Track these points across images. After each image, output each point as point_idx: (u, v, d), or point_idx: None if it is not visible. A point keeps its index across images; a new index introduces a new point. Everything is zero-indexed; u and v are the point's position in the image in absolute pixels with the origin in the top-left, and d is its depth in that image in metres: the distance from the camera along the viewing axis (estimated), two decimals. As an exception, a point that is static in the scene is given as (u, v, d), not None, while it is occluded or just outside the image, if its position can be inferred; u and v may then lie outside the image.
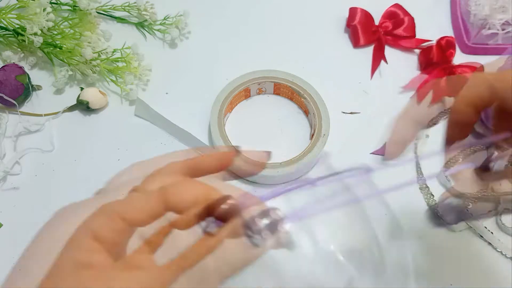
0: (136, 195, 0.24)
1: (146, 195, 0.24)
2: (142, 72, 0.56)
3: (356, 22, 0.60)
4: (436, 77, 0.57)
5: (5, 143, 0.52)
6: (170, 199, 0.24)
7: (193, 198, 0.24)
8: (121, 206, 0.23)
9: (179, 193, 0.24)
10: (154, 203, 0.24)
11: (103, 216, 0.23)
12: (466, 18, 0.61)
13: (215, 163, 0.29)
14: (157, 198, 0.24)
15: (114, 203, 0.23)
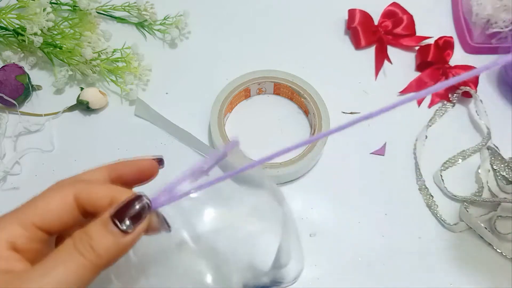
0: (48, 200, 0.24)
1: (59, 201, 0.24)
2: (142, 72, 0.56)
3: (356, 23, 0.60)
4: (430, 76, 0.58)
5: (5, 143, 0.52)
6: (86, 205, 0.24)
7: (107, 200, 0.24)
8: (36, 214, 0.24)
9: (93, 198, 0.24)
10: (69, 208, 0.24)
11: (17, 226, 0.23)
12: (468, 18, 0.61)
13: (136, 172, 0.29)
14: (72, 203, 0.24)
15: (28, 210, 0.24)
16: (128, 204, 0.24)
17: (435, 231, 0.49)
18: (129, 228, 0.23)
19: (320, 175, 0.52)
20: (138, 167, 0.30)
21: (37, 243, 0.24)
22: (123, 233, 0.23)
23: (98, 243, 0.22)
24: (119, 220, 0.23)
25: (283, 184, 0.51)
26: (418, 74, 0.58)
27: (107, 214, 0.23)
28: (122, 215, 0.23)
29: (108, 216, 0.23)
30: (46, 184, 0.51)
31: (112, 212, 0.23)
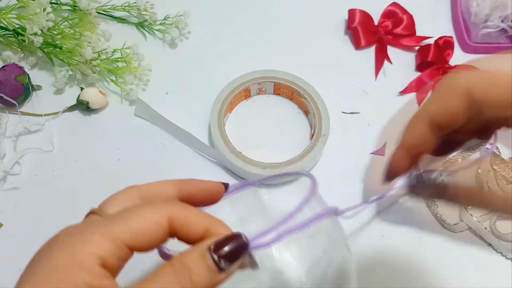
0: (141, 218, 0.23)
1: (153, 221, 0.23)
2: (142, 72, 0.56)
3: (356, 23, 0.60)
4: (430, 76, 0.58)
5: (5, 143, 0.52)
6: (178, 230, 0.24)
7: (201, 231, 0.24)
8: (128, 232, 0.23)
9: (188, 223, 0.24)
10: (161, 230, 0.23)
11: (110, 242, 0.22)
12: (467, 18, 0.61)
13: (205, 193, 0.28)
14: (165, 224, 0.23)
15: (120, 226, 0.23)
16: (227, 241, 0.23)
17: (435, 231, 0.49)
18: (226, 266, 0.22)
19: (320, 175, 0.52)
20: (208, 189, 0.28)
21: (122, 261, 0.23)
22: (219, 270, 0.22)
23: (198, 277, 0.22)
24: (218, 256, 0.22)
25: (283, 184, 0.51)
26: (418, 74, 0.58)
27: (205, 245, 0.23)
28: (219, 250, 0.23)
29: (206, 248, 0.23)
30: (46, 184, 0.51)
31: (212, 245, 0.23)
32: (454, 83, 0.24)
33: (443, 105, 0.24)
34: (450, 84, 0.24)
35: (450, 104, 0.23)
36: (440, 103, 0.24)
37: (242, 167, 0.49)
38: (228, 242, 0.23)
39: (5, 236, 0.48)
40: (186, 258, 0.22)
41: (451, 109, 0.23)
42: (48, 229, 0.50)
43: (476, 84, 0.23)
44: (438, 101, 0.24)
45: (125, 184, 0.50)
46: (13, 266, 0.46)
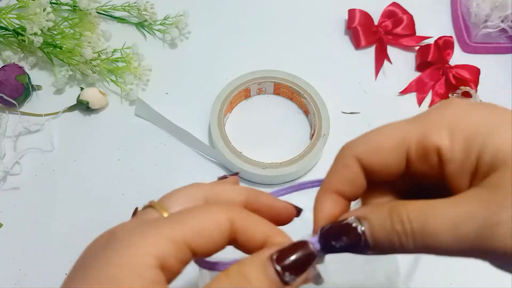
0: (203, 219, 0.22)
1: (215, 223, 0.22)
2: (142, 72, 0.56)
3: (356, 23, 0.60)
4: (430, 76, 0.58)
5: (5, 143, 0.52)
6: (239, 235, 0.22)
7: (262, 239, 0.22)
8: (189, 233, 0.21)
9: (249, 230, 0.22)
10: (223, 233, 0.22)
11: (170, 243, 0.20)
12: (467, 18, 0.61)
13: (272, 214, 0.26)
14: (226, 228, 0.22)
15: (180, 226, 0.21)
16: (293, 250, 0.21)
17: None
18: (291, 279, 0.20)
19: (320, 175, 0.52)
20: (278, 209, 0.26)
21: (182, 264, 0.21)
22: (283, 283, 0.20)
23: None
24: (282, 267, 0.20)
25: (283, 184, 0.51)
26: (418, 74, 0.58)
27: (266, 253, 0.21)
28: (283, 261, 0.20)
29: (268, 257, 0.21)
30: (46, 184, 0.52)
31: (274, 254, 0.21)
32: (345, 153, 0.24)
33: (340, 177, 0.24)
34: (341, 154, 0.24)
35: (345, 175, 0.24)
36: (337, 175, 0.24)
37: (242, 167, 0.49)
38: (293, 251, 0.21)
39: (5, 236, 0.48)
40: (245, 268, 0.20)
41: (348, 180, 0.24)
42: (48, 229, 0.50)
43: (362, 153, 0.23)
44: (335, 173, 0.24)
45: (125, 184, 0.51)
46: (13, 266, 0.46)
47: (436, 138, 0.22)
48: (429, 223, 0.20)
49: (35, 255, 0.47)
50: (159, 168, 0.52)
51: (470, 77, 0.56)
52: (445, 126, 0.22)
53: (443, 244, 0.20)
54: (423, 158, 0.22)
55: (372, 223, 0.22)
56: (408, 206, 0.21)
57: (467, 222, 0.19)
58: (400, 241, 0.21)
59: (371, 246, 0.22)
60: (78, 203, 0.50)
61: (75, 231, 0.48)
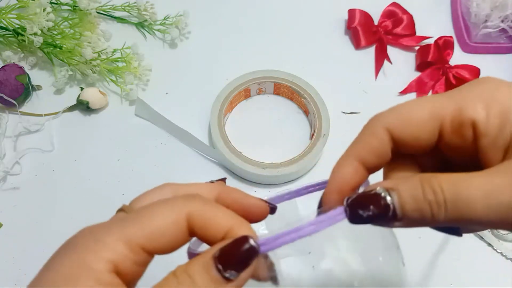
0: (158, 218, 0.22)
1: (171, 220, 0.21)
2: (142, 72, 0.56)
3: (356, 23, 0.60)
4: (430, 76, 0.58)
5: (5, 143, 0.52)
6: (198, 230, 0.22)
7: (223, 231, 0.22)
8: (144, 234, 0.21)
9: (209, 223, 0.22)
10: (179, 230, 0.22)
11: (125, 247, 0.21)
12: (467, 18, 0.61)
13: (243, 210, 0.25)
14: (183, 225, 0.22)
15: (134, 228, 0.21)
16: (233, 246, 0.21)
17: (435, 231, 0.49)
18: (232, 275, 0.21)
19: (320, 175, 0.52)
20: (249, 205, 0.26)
21: (138, 266, 0.21)
22: (225, 280, 0.20)
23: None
24: (222, 265, 0.20)
25: (283, 184, 0.51)
26: (418, 74, 0.58)
27: (209, 255, 0.21)
28: (227, 259, 0.21)
29: (210, 257, 0.21)
30: (46, 184, 0.52)
31: (216, 254, 0.21)
32: (374, 123, 0.25)
33: (365, 145, 0.24)
34: (370, 124, 0.25)
35: (372, 144, 0.24)
36: (363, 143, 0.24)
37: (242, 167, 0.49)
38: (234, 247, 0.21)
39: (5, 236, 0.48)
40: (190, 269, 0.21)
41: (373, 149, 0.24)
42: (48, 229, 0.50)
43: (393, 123, 0.24)
44: (361, 141, 0.25)
45: (125, 184, 0.51)
46: (13, 266, 0.46)
47: (472, 112, 0.22)
48: (463, 192, 0.20)
49: (35, 255, 0.47)
50: (159, 168, 0.52)
51: (470, 77, 0.56)
52: (481, 100, 0.22)
53: (477, 214, 0.20)
54: (457, 132, 0.22)
55: (402, 193, 0.21)
56: (440, 177, 0.21)
57: (500, 193, 0.20)
58: (432, 211, 0.21)
59: (399, 217, 0.22)
60: (78, 203, 0.50)
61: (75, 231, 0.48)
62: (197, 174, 0.52)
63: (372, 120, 0.25)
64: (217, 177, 0.51)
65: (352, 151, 0.25)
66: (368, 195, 0.22)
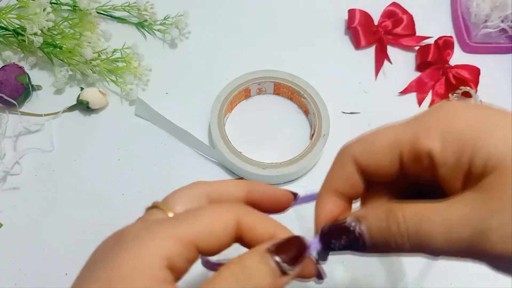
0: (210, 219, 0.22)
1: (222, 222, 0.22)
2: (142, 72, 0.56)
3: (356, 23, 0.60)
4: (430, 76, 0.58)
5: (5, 143, 0.52)
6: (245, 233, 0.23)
7: (267, 236, 0.23)
8: (197, 232, 0.22)
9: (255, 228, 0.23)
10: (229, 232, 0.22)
11: (178, 243, 0.21)
12: (467, 18, 0.61)
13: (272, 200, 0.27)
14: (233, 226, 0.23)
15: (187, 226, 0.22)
16: (287, 243, 0.22)
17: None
18: (288, 269, 0.21)
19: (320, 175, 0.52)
20: (276, 196, 0.27)
21: (189, 263, 0.22)
22: (281, 273, 0.21)
23: (259, 280, 0.21)
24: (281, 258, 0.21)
25: (283, 184, 0.51)
26: (418, 74, 0.58)
27: (264, 246, 0.22)
28: (280, 253, 0.21)
29: (265, 249, 0.22)
30: (46, 184, 0.51)
31: (272, 247, 0.22)
32: (342, 154, 0.25)
33: (338, 178, 0.25)
34: (339, 155, 0.25)
35: (343, 176, 0.25)
36: (335, 175, 0.25)
37: (242, 167, 0.49)
38: (288, 244, 0.22)
39: (5, 236, 0.48)
40: (247, 260, 0.21)
41: (346, 180, 0.25)
42: (48, 229, 0.50)
43: (358, 153, 0.24)
44: (333, 174, 0.25)
45: (125, 184, 0.51)
46: (13, 266, 0.46)
47: (427, 142, 0.22)
48: (424, 226, 0.20)
49: (35, 255, 0.47)
50: (159, 168, 0.52)
51: (470, 77, 0.56)
52: (437, 129, 0.22)
53: (438, 246, 0.20)
54: (415, 161, 0.23)
55: (369, 224, 0.22)
56: (404, 207, 0.21)
57: (460, 226, 0.20)
58: (396, 241, 0.21)
59: (368, 246, 0.22)
60: (78, 203, 0.50)
61: (75, 231, 0.48)
62: (197, 174, 0.52)
63: (341, 150, 0.26)
64: (217, 177, 0.51)
65: (327, 185, 0.26)
66: (339, 226, 0.23)
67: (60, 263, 0.46)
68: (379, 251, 0.22)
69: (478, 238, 0.20)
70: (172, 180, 0.51)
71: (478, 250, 0.20)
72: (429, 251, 0.21)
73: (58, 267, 0.46)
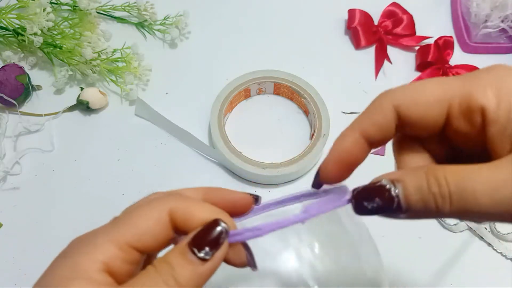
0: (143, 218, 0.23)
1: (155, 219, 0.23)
2: (142, 72, 0.56)
3: (356, 23, 0.60)
4: (430, 76, 0.58)
5: (5, 143, 0.52)
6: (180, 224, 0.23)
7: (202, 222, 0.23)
8: (131, 233, 0.22)
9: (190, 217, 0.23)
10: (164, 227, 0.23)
11: (114, 247, 0.22)
12: (467, 18, 0.61)
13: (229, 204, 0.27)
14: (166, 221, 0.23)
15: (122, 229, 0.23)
16: (206, 230, 0.23)
17: (435, 231, 0.49)
18: (207, 255, 0.22)
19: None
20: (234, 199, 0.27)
21: (130, 264, 0.23)
22: (201, 261, 0.22)
23: (180, 274, 0.22)
24: (197, 248, 0.22)
25: (283, 184, 0.51)
26: (418, 74, 0.58)
27: (184, 242, 0.22)
28: (200, 242, 0.22)
29: (185, 244, 0.22)
30: (46, 184, 0.51)
31: (190, 240, 0.22)
32: (382, 99, 0.24)
33: (370, 119, 0.24)
34: (378, 99, 0.25)
35: (377, 118, 0.24)
36: (368, 118, 0.24)
37: (242, 167, 0.49)
38: (206, 230, 0.22)
39: (5, 236, 0.48)
40: (168, 257, 0.22)
41: (378, 124, 0.24)
42: (48, 229, 0.50)
43: (401, 100, 0.24)
44: (367, 115, 0.25)
45: (125, 184, 0.51)
46: (13, 266, 0.46)
47: (482, 98, 0.21)
48: (468, 186, 0.20)
49: (35, 255, 0.47)
50: (159, 168, 0.52)
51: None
52: (493, 87, 0.21)
53: (481, 208, 0.20)
54: (465, 117, 0.22)
55: (407, 185, 0.21)
56: (446, 169, 0.21)
57: (506, 187, 0.19)
58: (437, 204, 0.21)
59: (404, 209, 0.21)
60: (78, 203, 0.50)
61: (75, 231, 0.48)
62: (197, 174, 0.52)
63: (381, 95, 0.25)
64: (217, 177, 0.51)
65: (357, 124, 0.24)
66: (374, 187, 0.22)
67: (60, 263, 0.46)
68: (415, 215, 0.22)
69: None
70: (172, 180, 0.51)
71: None
72: (472, 214, 0.20)
73: (58, 267, 0.46)
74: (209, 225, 0.23)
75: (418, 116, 0.23)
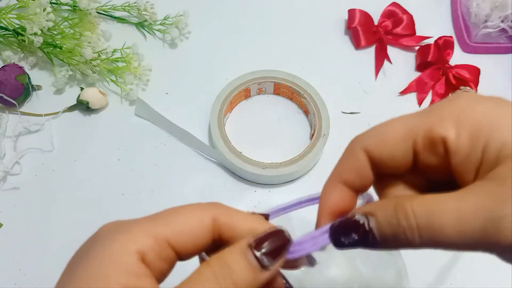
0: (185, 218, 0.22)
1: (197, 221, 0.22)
2: (142, 72, 0.56)
3: (356, 23, 0.60)
4: (430, 76, 0.58)
5: (5, 143, 0.52)
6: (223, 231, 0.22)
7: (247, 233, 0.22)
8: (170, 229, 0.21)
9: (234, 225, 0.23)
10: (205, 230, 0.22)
11: (150, 238, 0.21)
12: (467, 18, 0.61)
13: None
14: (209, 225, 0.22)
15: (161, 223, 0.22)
16: (268, 237, 0.22)
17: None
18: (269, 264, 0.21)
19: (320, 175, 0.52)
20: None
21: (165, 262, 0.22)
22: (262, 267, 0.21)
23: (239, 276, 0.21)
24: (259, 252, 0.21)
25: (283, 184, 0.51)
26: (418, 74, 0.58)
27: (245, 242, 0.21)
28: (261, 247, 0.21)
29: (246, 244, 0.21)
30: (46, 184, 0.51)
31: (252, 242, 0.21)
32: (353, 145, 0.25)
33: (347, 167, 0.24)
34: (350, 146, 0.25)
35: (352, 166, 0.24)
36: (344, 165, 0.25)
37: (242, 167, 0.49)
38: (269, 238, 0.22)
39: (5, 236, 0.48)
40: (226, 257, 0.21)
41: (355, 171, 0.24)
42: (48, 229, 0.50)
43: (370, 144, 0.24)
44: (343, 163, 0.25)
45: (125, 184, 0.51)
46: (13, 266, 0.46)
47: (442, 129, 0.22)
48: (434, 218, 0.20)
49: (35, 255, 0.47)
50: (159, 168, 0.52)
51: (470, 77, 0.56)
52: (452, 118, 0.22)
53: (449, 239, 0.20)
54: (430, 150, 0.22)
55: (379, 219, 0.22)
56: (413, 201, 0.21)
57: (472, 217, 0.19)
58: (406, 236, 0.21)
59: (379, 242, 0.22)
60: (78, 203, 0.50)
61: (75, 231, 0.48)
62: (197, 174, 0.52)
63: (352, 142, 0.25)
64: (217, 177, 0.51)
65: (335, 174, 0.25)
66: (349, 222, 0.22)
67: (60, 263, 0.46)
68: (390, 246, 0.22)
69: (491, 228, 0.19)
70: (172, 180, 0.51)
71: (491, 241, 0.20)
72: (441, 245, 0.21)
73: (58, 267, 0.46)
74: (275, 232, 0.22)
75: (387, 155, 0.23)
